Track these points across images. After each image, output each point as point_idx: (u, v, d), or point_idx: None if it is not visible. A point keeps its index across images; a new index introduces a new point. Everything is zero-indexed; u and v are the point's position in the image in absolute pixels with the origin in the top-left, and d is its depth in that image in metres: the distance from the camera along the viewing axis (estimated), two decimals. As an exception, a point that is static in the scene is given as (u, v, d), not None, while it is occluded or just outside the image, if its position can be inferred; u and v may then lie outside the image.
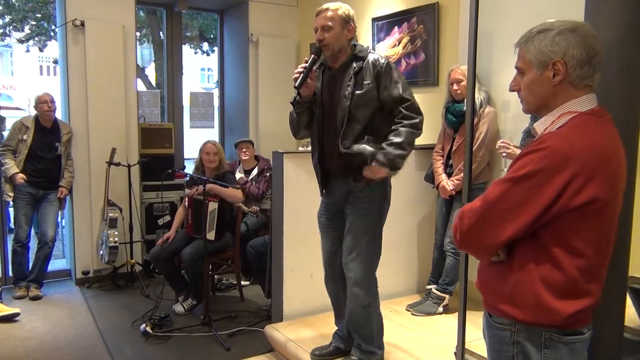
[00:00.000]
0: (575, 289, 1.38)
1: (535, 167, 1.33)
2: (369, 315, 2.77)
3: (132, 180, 4.99)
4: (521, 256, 1.42)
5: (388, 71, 2.60)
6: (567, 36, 1.39)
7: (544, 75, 1.42)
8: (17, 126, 4.60)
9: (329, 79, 2.69)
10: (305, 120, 2.73)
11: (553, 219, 1.35)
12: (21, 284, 4.60)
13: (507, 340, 1.46)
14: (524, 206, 1.35)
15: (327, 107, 2.67)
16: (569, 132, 1.36)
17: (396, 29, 4.60)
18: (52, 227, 4.67)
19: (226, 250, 4.39)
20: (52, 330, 3.93)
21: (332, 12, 2.59)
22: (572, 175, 1.31)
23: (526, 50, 1.46)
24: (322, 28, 2.59)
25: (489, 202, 1.41)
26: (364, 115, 2.60)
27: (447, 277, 3.66)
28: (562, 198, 1.32)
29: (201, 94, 6.62)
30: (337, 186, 2.75)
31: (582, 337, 1.43)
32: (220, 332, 3.73)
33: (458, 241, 1.49)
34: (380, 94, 2.61)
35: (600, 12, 1.86)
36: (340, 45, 2.62)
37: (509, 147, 3.01)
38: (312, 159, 2.82)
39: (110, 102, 4.97)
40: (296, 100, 2.67)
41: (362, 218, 2.70)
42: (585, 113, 1.40)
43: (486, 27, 3.57)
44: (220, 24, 6.36)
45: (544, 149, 1.34)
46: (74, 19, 4.79)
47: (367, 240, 2.72)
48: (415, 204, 4.07)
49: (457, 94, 3.55)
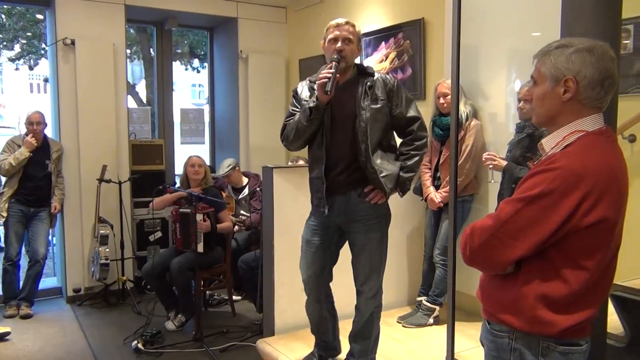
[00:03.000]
0: (576, 302, 1.40)
1: (548, 187, 1.34)
2: (373, 326, 2.84)
3: (123, 196, 5.00)
4: (526, 270, 1.43)
5: (399, 90, 2.70)
6: (583, 55, 1.40)
7: (555, 91, 1.43)
8: (9, 145, 4.60)
9: (338, 91, 2.63)
10: (314, 129, 2.64)
11: (562, 238, 1.36)
12: (12, 302, 4.57)
13: (505, 347, 1.48)
14: (536, 226, 1.36)
15: (337, 119, 2.66)
16: (581, 152, 1.37)
17: (383, 45, 4.68)
18: (43, 245, 4.66)
19: (217, 265, 4.39)
20: (43, 348, 3.91)
21: (352, 28, 2.67)
22: (584, 195, 1.32)
23: (542, 63, 1.46)
24: (343, 40, 2.62)
25: (500, 220, 1.41)
26: (379, 129, 2.65)
27: (437, 288, 3.69)
28: (574, 218, 1.33)
29: (192, 110, 6.65)
30: (336, 202, 2.69)
31: (579, 349, 1.45)
32: (212, 348, 3.72)
33: (468, 257, 1.49)
34: (392, 111, 2.69)
35: (575, 25, 1.92)
36: (353, 59, 2.70)
37: (495, 159, 3.07)
38: (312, 173, 2.75)
39: (101, 119, 4.99)
40: (315, 106, 2.57)
41: (374, 234, 2.71)
42: (593, 133, 1.41)
43: (472, 40, 3.65)
44: (210, 40, 6.42)
45: (556, 168, 1.35)
46: (64, 38, 4.83)
47: (379, 255, 2.75)
48: (404, 216, 4.11)
49: (444, 107, 3.60)
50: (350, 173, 2.66)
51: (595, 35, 1.84)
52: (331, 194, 2.68)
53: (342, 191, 2.68)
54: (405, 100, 2.71)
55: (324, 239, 2.77)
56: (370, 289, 2.77)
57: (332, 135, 2.65)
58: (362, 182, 2.66)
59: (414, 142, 2.73)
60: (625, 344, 2.38)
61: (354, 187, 2.67)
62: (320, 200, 2.69)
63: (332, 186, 2.67)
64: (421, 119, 2.76)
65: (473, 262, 1.50)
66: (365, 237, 2.71)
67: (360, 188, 2.66)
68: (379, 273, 2.77)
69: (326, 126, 2.64)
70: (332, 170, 2.66)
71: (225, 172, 4.81)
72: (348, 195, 2.68)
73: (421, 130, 2.75)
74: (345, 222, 2.73)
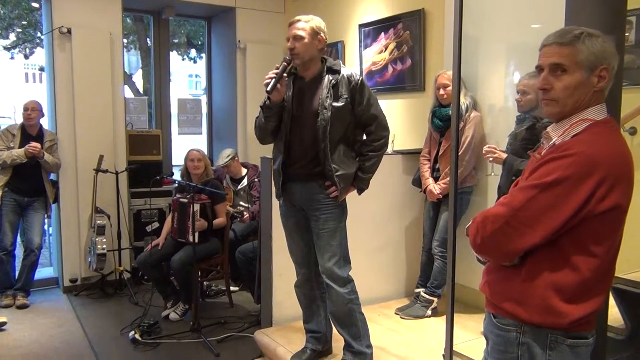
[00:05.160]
0: (586, 291, 1.39)
1: (564, 174, 1.33)
2: (352, 313, 2.84)
3: (120, 187, 4.98)
4: (535, 259, 1.41)
5: (363, 88, 2.73)
6: (611, 45, 1.40)
7: (590, 80, 1.40)
8: (4, 134, 4.57)
9: (300, 88, 2.78)
10: (273, 125, 2.78)
11: (575, 225, 1.35)
12: (8, 292, 4.56)
13: (512, 341, 1.46)
14: (550, 213, 1.34)
15: (297, 116, 2.75)
16: (594, 140, 1.36)
17: (382, 35, 4.65)
18: (38, 234, 4.64)
19: (215, 256, 4.38)
20: (39, 339, 3.89)
21: (303, 23, 2.69)
22: (599, 182, 1.31)
23: (575, 51, 1.39)
24: (294, 37, 2.68)
25: (513, 208, 1.39)
26: (341, 126, 2.71)
27: (435, 280, 3.69)
28: (589, 204, 1.32)
29: (189, 100, 6.61)
30: (296, 189, 2.81)
31: (586, 342, 1.44)
32: (210, 338, 3.72)
33: (478, 246, 1.46)
34: (354, 109, 2.72)
35: (579, 16, 1.90)
36: (310, 55, 2.71)
37: (495, 151, 3.05)
38: (274, 165, 2.89)
39: (98, 109, 4.95)
40: (266, 105, 2.74)
41: (331, 222, 2.78)
42: (600, 122, 1.41)
43: (472, 32, 3.63)
44: (207, 30, 6.37)
45: (571, 155, 1.33)
46: (60, 26, 4.78)
47: (338, 240, 2.80)
48: (403, 208, 4.10)
49: (444, 98, 3.59)
50: (312, 167, 2.74)
51: (599, 26, 1.83)
52: (291, 183, 2.81)
53: (303, 181, 2.78)
54: (367, 99, 2.73)
55: (297, 219, 2.89)
56: (333, 274, 2.79)
57: (294, 131, 2.76)
58: (324, 175, 2.74)
59: (373, 143, 2.79)
60: (625, 337, 2.38)
61: (314, 178, 2.75)
62: (277, 190, 2.86)
63: (293, 177, 2.80)
64: (379, 117, 2.77)
65: (483, 251, 1.49)
66: (321, 227, 2.78)
67: (321, 180, 2.74)
68: (341, 260, 2.80)
69: (285, 123, 2.75)
70: (293, 164, 2.79)
71: (225, 162, 4.78)
72: (308, 185, 2.77)
73: (380, 130, 2.79)
74: (306, 207, 2.83)
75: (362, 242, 3.76)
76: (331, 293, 2.83)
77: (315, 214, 2.79)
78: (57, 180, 4.86)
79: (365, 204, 3.38)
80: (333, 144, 2.69)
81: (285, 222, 2.96)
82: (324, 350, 3.06)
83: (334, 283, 2.80)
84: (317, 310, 3.01)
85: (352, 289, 2.84)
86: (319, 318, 3.02)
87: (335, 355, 3.05)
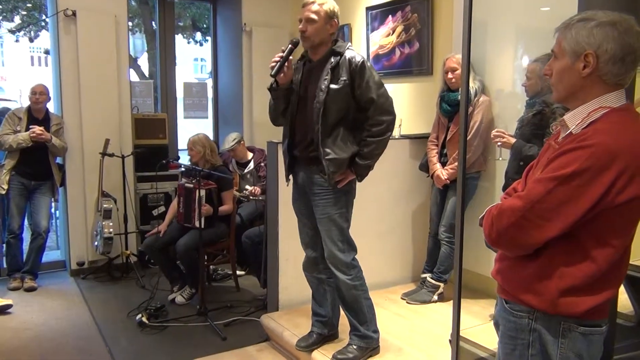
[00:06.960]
0: (601, 281, 1.37)
1: (582, 165, 1.30)
2: (357, 299, 2.84)
3: (126, 171, 4.97)
4: (550, 248, 1.39)
5: (362, 70, 2.64)
6: (605, 29, 1.35)
7: (575, 66, 1.39)
8: (10, 117, 4.56)
9: (308, 71, 2.76)
10: (281, 107, 2.80)
11: (592, 217, 1.33)
12: (15, 275, 4.59)
13: (524, 327, 1.45)
14: (569, 205, 1.32)
15: (302, 98, 2.74)
16: (612, 129, 1.33)
17: (390, 18, 4.59)
18: (45, 218, 4.65)
19: (221, 241, 4.39)
20: (47, 321, 3.93)
21: (318, 6, 2.64)
22: (619, 173, 1.29)
23: (563, 37, 1.41)
24: (307, 20, 2.64)
25: (531, 201, 1.36)
26: (339, 109, 2.65)
27: (441, 265, 3.68)
28: (608, 196, 1.30)
29: (195, 84, 6.58)
30: (300, 172, 2.84)
31: (599, 330, 1.43)
32: (216, 322, 3.73)
33: (494, 239, 1.44)
34: (354, 92, 2.66)
35: (592, 1, 1.86)
36: (321, 39, 2.67)
37: (504, 136, 3.02)
38: (282, 146, 2.92)
39: (103, 92, 4.93)
40: (272, 87, 2.75)
41: (330, 208, 2.76)
42: (619, 109, 1.37)
43: (480, 16, 3.57)
44: (213, 13, 6.31)
45: (590, 146, 1.30)
46: (65, 9, 4.74)
47: (339, 226, 2.78)
48: (410, 193, 4.08)
49: (452, 82, 3.55)
50: (312, 150, 2.72)
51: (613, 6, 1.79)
52: (297, 167, 2.86)
53: (306, 164, 2.79)
54: (367, 81, 2.64)
55: (305, 202, 2.89)
56: (337, 259, 2.79)
57: (299, 114, 2.76)
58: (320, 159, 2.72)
59: (371, 128, 2.69)
60: (634, 323, 2.37)
61: (313, 162, 2.73)
62: (286, 171, 2.91)
63: (298, 160, 2.83)
64: (378, 101, 2.64)
65: (499, 244, 1.46)
66: (321, 212, 2.78)
67: (320, 164, 2.70)
68: (344, 245, 2.79)
69: (292, 105, 2.76)
70: (297, 146, 2.80)
71: (231, 145, 4.77)
72: (309, 169, 2.77)
73: (379, 114, 2.66)
74: (308, 191, 2.83)
75: (368, 226, 3.76)
76: (336, 278, 2.84)
77: (315, 198, 2.79)
78: (63, 164, 4.86)
79: (372, 188, 3.37)
80: (329, 127, 2.64)
81: (294, 204, 2.97)
82: (330, 335, 3.07)
83: (336, 268, 2.81)
84: (324, 294, 3.01)
85: (356, 275, 2.83)
86: (325, 302, 3.02)
87: (341, 340, 3.05)
